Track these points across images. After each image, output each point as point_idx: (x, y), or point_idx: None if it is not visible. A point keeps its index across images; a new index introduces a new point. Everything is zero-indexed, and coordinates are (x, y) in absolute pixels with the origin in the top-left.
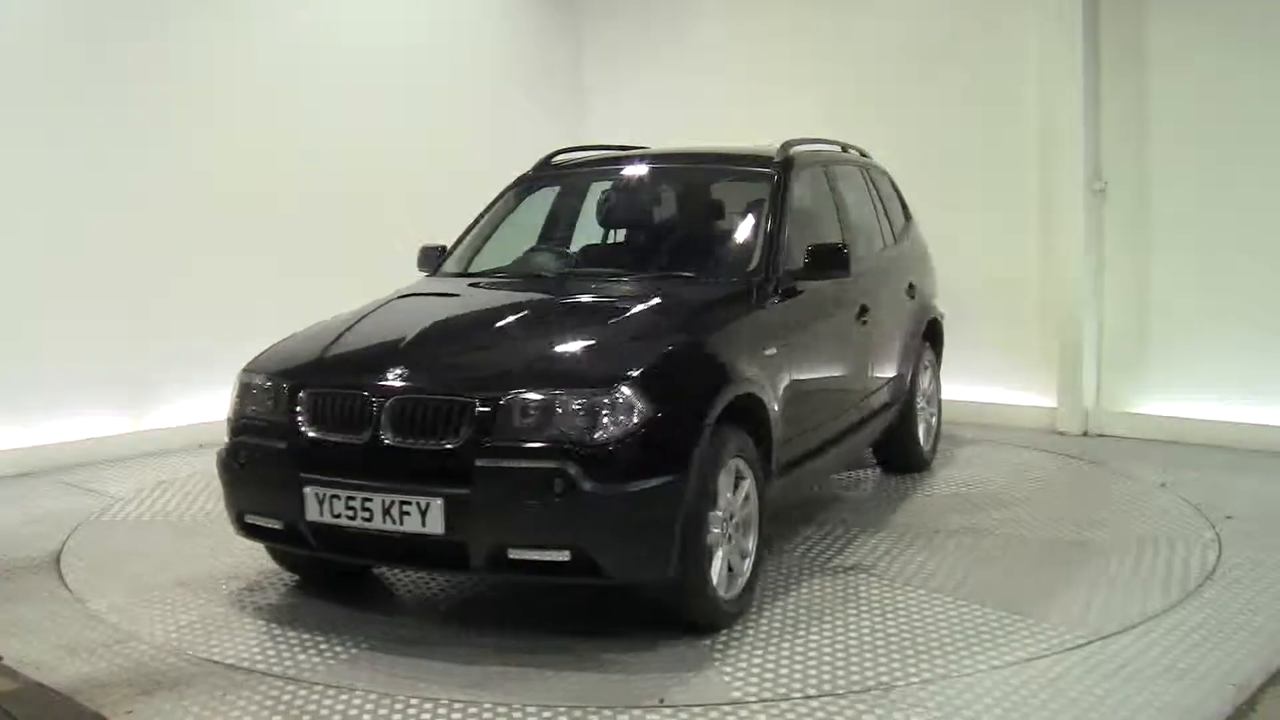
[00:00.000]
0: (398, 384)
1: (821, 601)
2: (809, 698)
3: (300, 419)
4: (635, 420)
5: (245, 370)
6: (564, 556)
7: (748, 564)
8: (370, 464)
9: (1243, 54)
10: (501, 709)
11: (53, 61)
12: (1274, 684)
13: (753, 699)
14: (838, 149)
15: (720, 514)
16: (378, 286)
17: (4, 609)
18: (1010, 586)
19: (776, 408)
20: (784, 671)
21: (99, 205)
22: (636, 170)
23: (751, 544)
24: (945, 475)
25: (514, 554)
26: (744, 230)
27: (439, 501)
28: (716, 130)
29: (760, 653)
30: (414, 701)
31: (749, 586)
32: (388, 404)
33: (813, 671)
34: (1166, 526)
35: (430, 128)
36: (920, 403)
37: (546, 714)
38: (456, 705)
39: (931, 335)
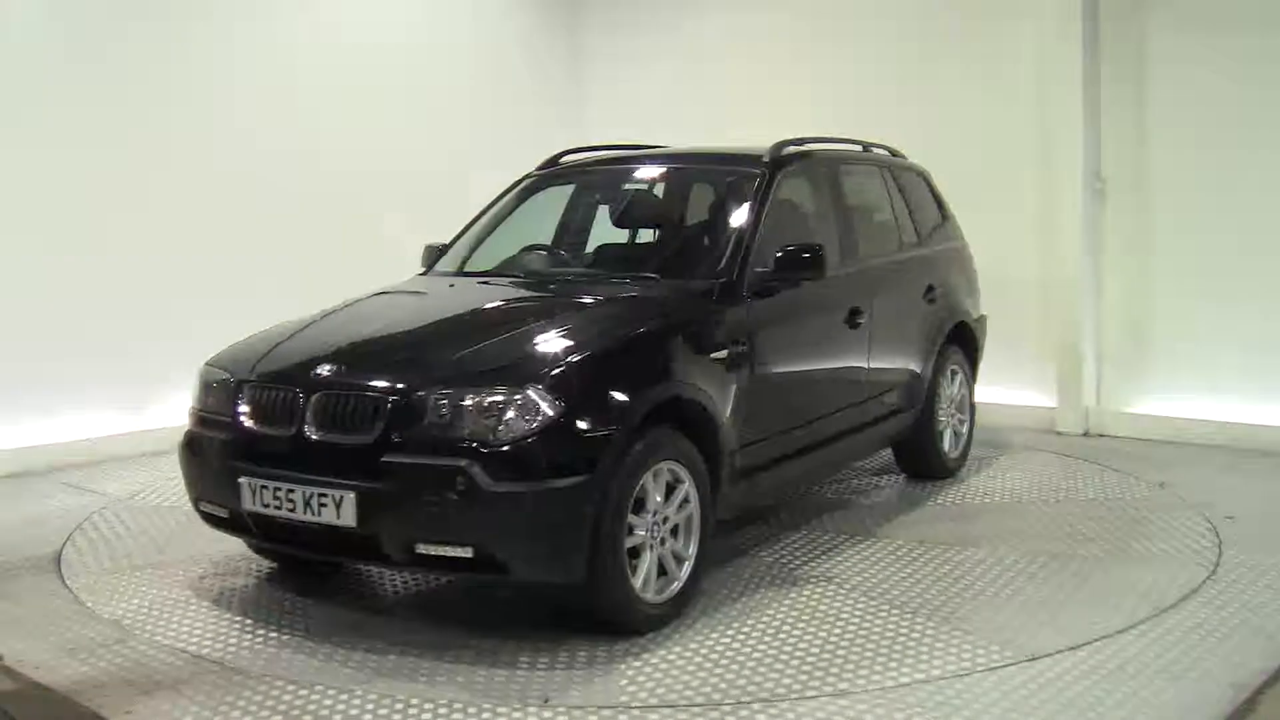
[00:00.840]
0: (322, 380)
1: (767, 608)
2: (694, 705)
3: (240, 412)
4: (541, 421)
5: (205, 365)
6: (467, 553)
7: (685, 568)
8: (295, 457)
9: (1243, 54)
10: (516, 713)
11: (52, 61)
12: (1274, 684)
13: (638, 704)
14: (855, 148)
15: (649, 517)
16: (377, 285)
17: (4, 609)
18: (994, 595)
19: (728, 412)
20: (685, 678)
21: (99, 205)
22: (623, 171)
23: (691, 549)
24: (972, 483)
25: (421, 549)
26: (717, 231)
27: (351, 495)
28: (717, 130)
29: (672, 656)
30: (414, 701)
31: (685, 591)
32: (312, 399)
33: (715, 679)
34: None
35: (430, 127)
36: (945, 409)
37: (443, 708)
38: (457, 705)
39: (962, 339)
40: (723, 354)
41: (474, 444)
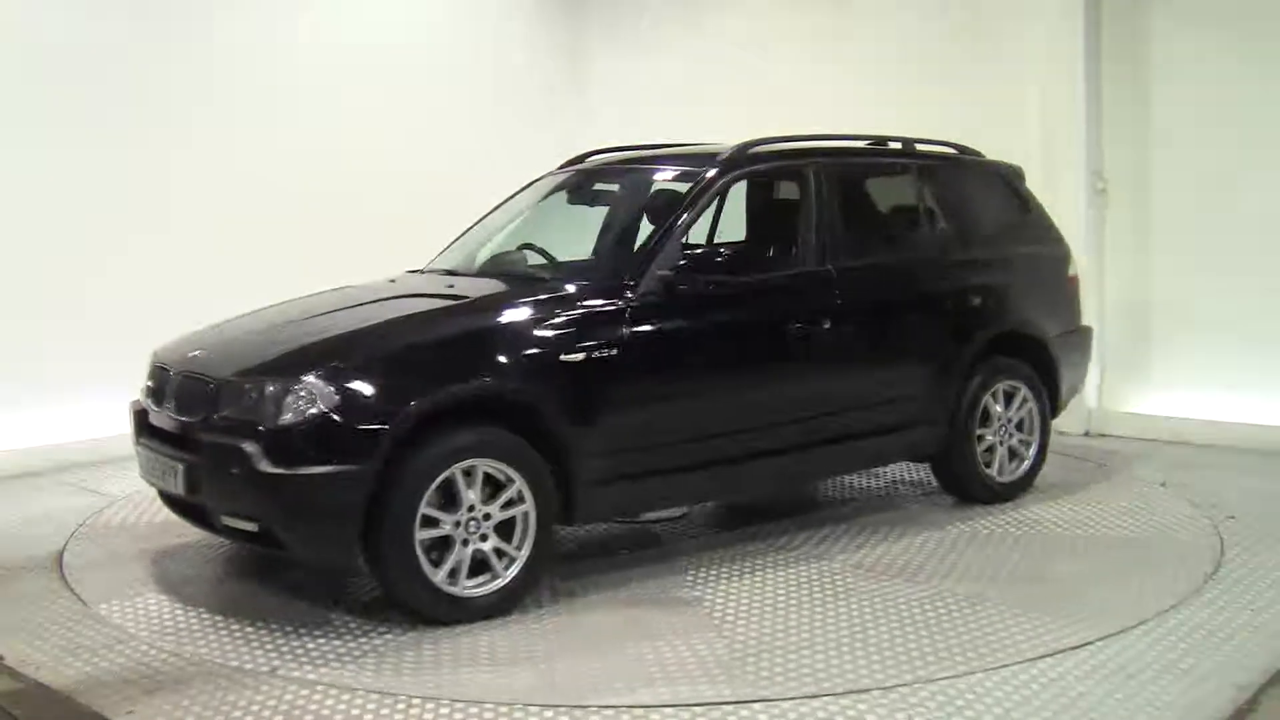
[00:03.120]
0: (183, 365)
1: (584, 617)
2: (427, 699)
3: (144, 390)
4: (317, 409)
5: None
6: (253, 528)
7: (512, 567)
8: (162, 433)
9: (1243, 54)
10: (518, 710)
11: (51, 61)
12: (1274, 684)
13: (364, 688)
14: (869, 144)
15: (462, 514)
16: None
17: (5, 609)
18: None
19: (586, 415)
20: (445, 671)
21: (99, 206)
22: (607, 172)
23: (521, 549)
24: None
25: (224, 520)
26: (633, 233)
27: (181, 467)
28: (719, 131)
29: (441, 651)
30: (415, 701)
31: (511, 589)
32: (175, 382)
33: (467, 675)
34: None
35: (430, 128)
36: (996, 429)
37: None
38: (458, 705)
39: (1023, 354)
40: (578, 356)
41: (259, 427)
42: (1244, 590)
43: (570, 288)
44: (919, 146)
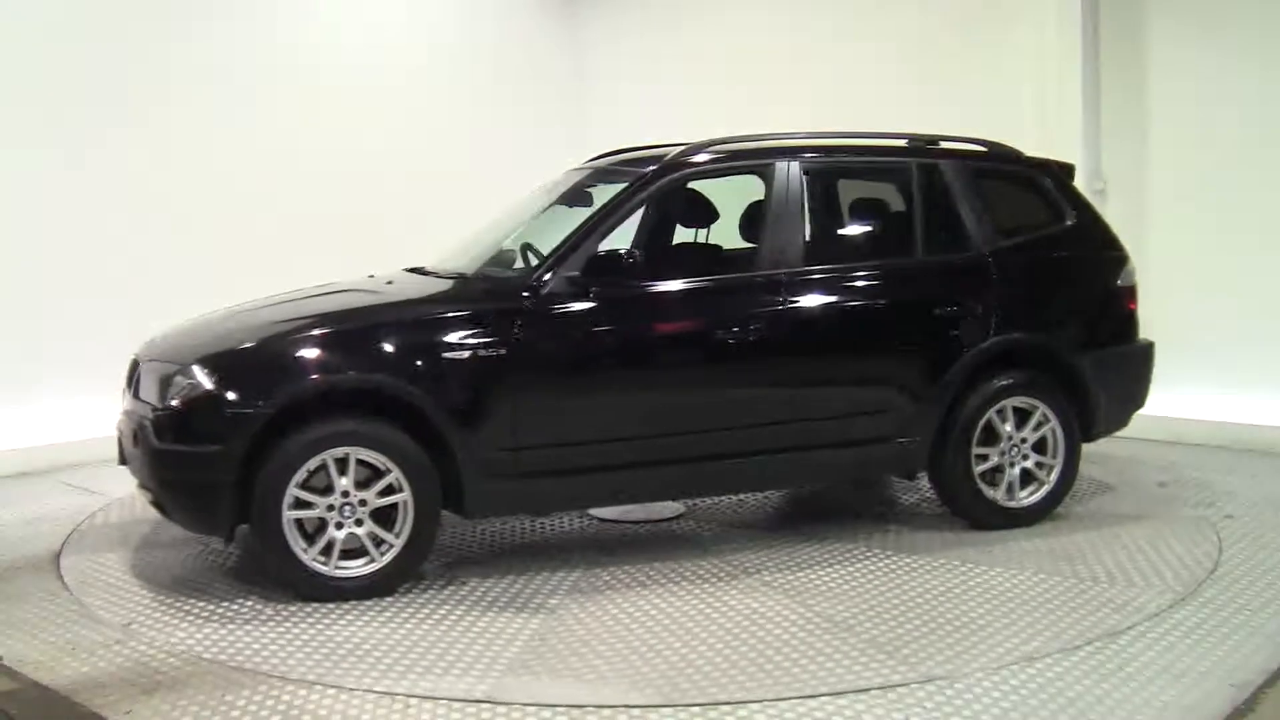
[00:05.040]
0: (146, 355)
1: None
2: (426, 698)
3: (126, 379)
4: (195, 394)
5: None
6: (151, 498)
7: (387, 552)
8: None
9: (1243, 54)
10: (516, 710)
11: (50, 61)
12: (1274, 684)
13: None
14: (896, 142)
15: (335, 498)
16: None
17: (4, 609)
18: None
19: (473, 411)
20: (287, 651)
21: (100, 208)
22: (593, 171)
23: (399, 535)
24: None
25: (139, 489)
26: (556, 235)
27: (117, 439)
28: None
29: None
30: (414, 701)
31: (386, 573)
32: (139, 369)
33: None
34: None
35: (430, 129)
36: (1003, 448)
37: None
38: (456, 705)
39: (1033, 368)
40: (463, 354)
41: (155, 407)
42: (1242, 590)
43: (477, 289)
44: (943, 144)
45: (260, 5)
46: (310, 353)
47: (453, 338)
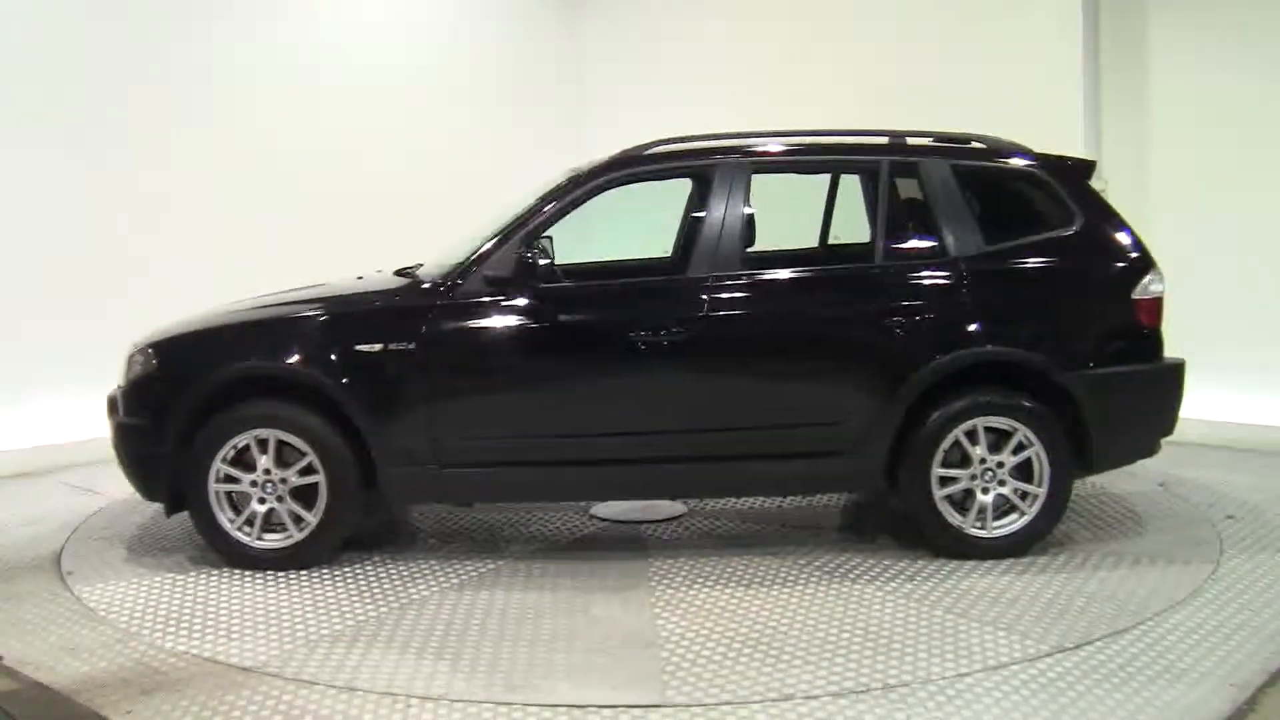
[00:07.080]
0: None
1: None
2: (426, 698)
3: None
4: (141, 374)
5: None
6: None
7: (306, 529)
8: None
9: (1243, 53)
10: (517, 710)
11: (49, 61)
12: (1274, 684)
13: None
14: (878, 139)
15: (258, 475)
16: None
17: (4, 609)
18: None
19: (385, 402)
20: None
21: (100, 207)
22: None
23: (313, 514)
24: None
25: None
26: (480, 237)
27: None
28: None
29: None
30: (414, 701)
31: (300, 546)
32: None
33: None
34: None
35: (430, 129)
36: (973, 473)
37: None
38: (457, 705)
39: (1016, 384)
40: (375, 347)
41: (120, 386)
42: (1243, 590)
43: (407, 288)
44: (927, 141)
45: (260, 5)
46: (232, 341)
47: (365, 332)
